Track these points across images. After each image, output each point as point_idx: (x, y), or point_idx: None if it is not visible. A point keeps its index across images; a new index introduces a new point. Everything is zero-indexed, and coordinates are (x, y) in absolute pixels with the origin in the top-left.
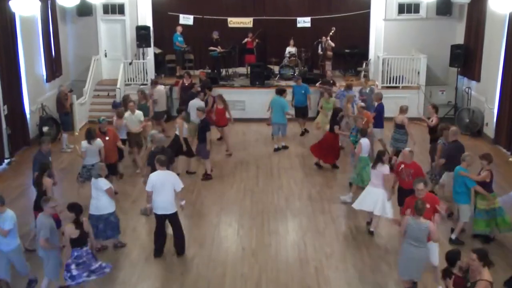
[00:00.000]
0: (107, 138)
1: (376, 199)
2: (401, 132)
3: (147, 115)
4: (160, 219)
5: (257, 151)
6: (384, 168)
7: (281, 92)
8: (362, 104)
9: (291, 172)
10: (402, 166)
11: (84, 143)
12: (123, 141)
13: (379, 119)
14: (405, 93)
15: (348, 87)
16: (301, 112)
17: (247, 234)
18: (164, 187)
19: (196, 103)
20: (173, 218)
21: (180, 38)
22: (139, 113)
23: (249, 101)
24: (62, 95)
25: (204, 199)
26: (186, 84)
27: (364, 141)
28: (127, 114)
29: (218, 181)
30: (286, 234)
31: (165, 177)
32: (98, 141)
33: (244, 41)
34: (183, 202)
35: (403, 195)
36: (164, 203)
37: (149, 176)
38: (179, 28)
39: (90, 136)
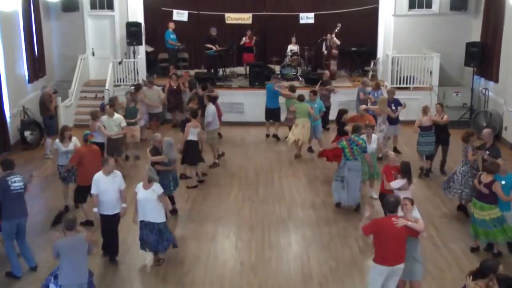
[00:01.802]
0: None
1: None
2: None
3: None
4: None
5: (256, 157)
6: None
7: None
8: (364, 106)
9: (293, 180)
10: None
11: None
12: (101, 146)
13: None
14: (416, 95)
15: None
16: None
17: (246, 247)
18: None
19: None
20: None
21: (173, 36)
22: (118, 117)
23: (248, 103)
24: (46, 97)
25: (199, 208)
26: (175, 87)
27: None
28: (104, 117)
29: (215, 189)
30: (288, 247)
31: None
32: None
33: (242, 42)
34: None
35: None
36: None
37: None
38: (171, 25)
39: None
